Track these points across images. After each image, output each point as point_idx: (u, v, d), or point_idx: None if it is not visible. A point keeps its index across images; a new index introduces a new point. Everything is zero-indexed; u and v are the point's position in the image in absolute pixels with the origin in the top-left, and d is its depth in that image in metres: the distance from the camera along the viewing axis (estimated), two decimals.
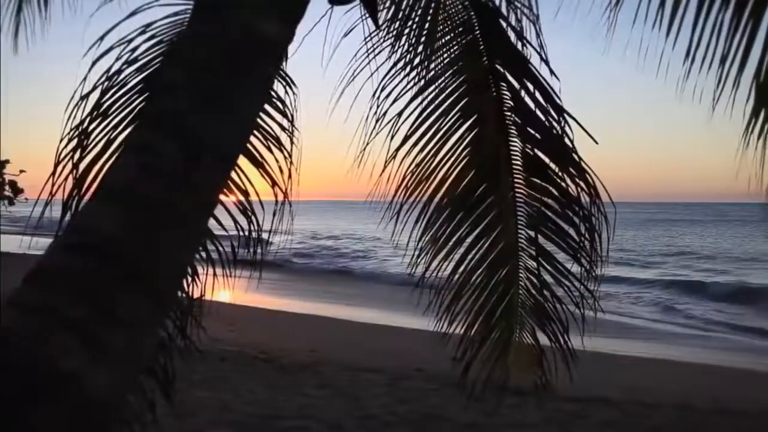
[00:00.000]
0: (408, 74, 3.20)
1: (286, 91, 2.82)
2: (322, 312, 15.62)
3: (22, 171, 16.95)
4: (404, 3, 3.37)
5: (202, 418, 5.54)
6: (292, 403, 6.16)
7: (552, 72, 2.98)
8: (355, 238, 36.99)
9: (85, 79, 2.39)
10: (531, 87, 3.13)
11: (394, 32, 3.34)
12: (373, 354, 9.44)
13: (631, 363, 10.17)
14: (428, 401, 6.45)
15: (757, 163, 2.53)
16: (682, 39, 2.51)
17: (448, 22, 3.25)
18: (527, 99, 3.21)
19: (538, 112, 3.23)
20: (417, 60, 3.28)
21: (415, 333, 11.06)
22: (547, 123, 3.21)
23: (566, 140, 3.22)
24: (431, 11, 3.29)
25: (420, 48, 3.29)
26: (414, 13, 3.35)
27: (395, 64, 3.15)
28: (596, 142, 3.15)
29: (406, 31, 3.35)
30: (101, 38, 2.36)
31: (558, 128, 3.13)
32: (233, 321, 13.15)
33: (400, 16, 3.35)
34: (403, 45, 3.31)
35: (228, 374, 7.63)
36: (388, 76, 3.15)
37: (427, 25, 3.30)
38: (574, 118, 3.12)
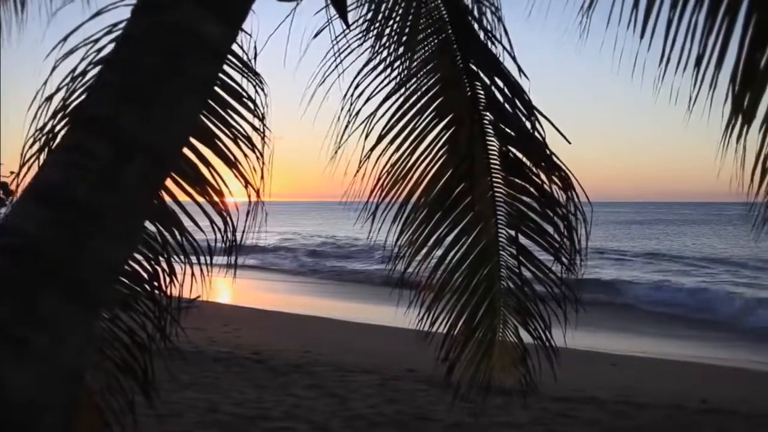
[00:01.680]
0: (382, 73, 3.19)
1: (256, 91, 2.81)
2: (317, 312, 15.63)
3: (12, 173, 16.89)
4: (384, 3, 3.36)
5: (187, 419, 5.54)
6: (280, 404, 6.16)
7: (520, 70, 2.98)
8: (339, 237, 37.05)
9: (46, 81, 2.39)
10: (504, 86, 3.12)
11: (375, 32, 3.33)
12: (367, 354, 9.45)
13: (624, 362, 10.16)
14: (417, 402, 6.45)
15: (737, 165, 2.53)
16: (657, 40, 2.50)
17: (422, 21, 3.24)
18: (502, 98, 3.20)
19: (513, 111, 3.22)
20: (397, 59, 3.27)
21: (409, 333, 11.05)
22: (521, 122, 3.20)
23: (540, 138, 3.21)
24: (413, 9, 3.28)
25: (401, 47, 3.28)
26: (395, 13, 3.34)
27: (368, 62, 3.13)
28: (569, 142, 3.15)
29: (387, 30, 3.34)
30: (64, 39, 2.36)
31: (529, 126, 3.12)
32: (229, 321, 13.17)
33: (380, 16, 3.34)
34: (385, 44, 3.30)
35: (219, 375, 7.63)
36: (361, 75, 3.14)
37: (409, 23, 3.30)
38: (546, 117, 3.12)
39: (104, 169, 1.26)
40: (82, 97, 2.52)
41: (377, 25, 3.35)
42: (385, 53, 3.16)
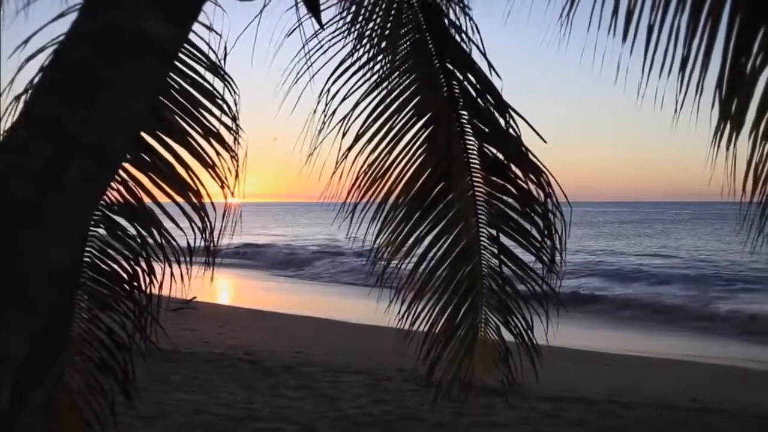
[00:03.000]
0: (358, 72, 3.19)
1: (229, 91, 2.82)
2: (313, 313, 15.63)
3: None
4: (364, 2, 3.36)
5: (174, 420, 5.54)
6: (268, 405, 6.16)
7: (491, 66, 2.98)
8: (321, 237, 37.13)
9: (12, 80, 2.39)
10: (477, 85, 3.12)
11: (356, 32, 3.33)
12: (360, 355, 9.44)
13: (618, 361, 10.16)
14: (405, 402, 6.45)
15: (728, 173, 2.47)
16: (639, 43, 2.46)
17: (400, 19, 3.24)
18: (477, 97, 3.20)
19: (491, 110, 3.23)
20: (373, 57, 3.27)
21: (403, 334, 10.99)
22: (496, 119, 3.21)
23: (516, 137, 3.21)
24: (395, 7, 3.28)
25: (378, 46, 3.28)
26: (375, 14, 3.34)
27: (343, 61, 3.13)
28: (545, 141, 3.15)
29: (368, 29, 3.34)
30: (26, 41, 2.37)
31: (504, 125, 3.13)
32: (224, 322, 13.18)
33: (360, 17, 3.34)
34: (364, 43, 3.30)
35: (209, 376, 7.64)
36: (337, 74, 3.14)
37: (389, 22, 3.30)
38: (521, 116, 3.13)
39: (45, 169, 1.26)
40: None
41: (358, 25, 3.35)
42: (361, 51, 3.16)
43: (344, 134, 3.25)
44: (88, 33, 1.40)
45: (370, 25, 3.15)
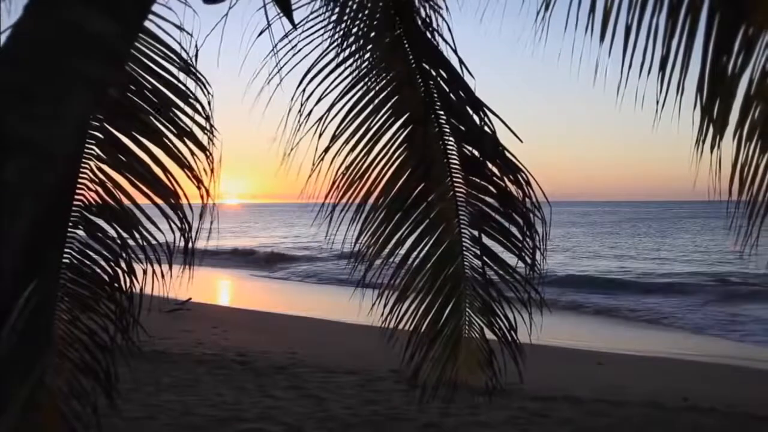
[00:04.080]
0: (334, 72, 3.18)
1: (202, 90, 2.81)
2: (309, 313, 15.63)
3: None
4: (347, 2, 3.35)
5: (160, 421, 5.52)
6: (256, 406, 6.14)
7: (461, 62, 2.98)
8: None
9: None
10: (452, 83, 3.12)
11: (340, 31, 3.32)
12: (353, 355, 9.42)
13: (611, 360, 10.15)
14: (394, 402, 6.43)
15: (713, 175, 2.44)
16: (617, 44, 2.43)
17: (374, 19, 3.23)
18: (452, 95, 3.20)
19: (466, 108, 3.22)
20: (349, 57, 3.26)
21: (398, 334, 10.97)
22: (471, 117, 3.20)
23: (491, 135, 3.21)
24: (369, 7, 3.28)
25: (354, 45, 3.27)
26: (354, 12, 3.33)
27: (317, 62, 3.13)
28: (521, 141, 3.15)
29: (344, 30, 3.34)
30: None
31: (478, 120, 3.13)
32: (219, 323, 13.17)
33: (345, 16, 3.33)
34: (342, 44, 3.29)
35: (200, 377, 7.62)
36: (311, 74, 3.13)
37: (365, 22, 3.29)
38: (497, 115, 3.13)
39: None
40: None
41: (343, 25, 3.34)
42: (336, 51, 3.15)
43: (320, 135, 3.24)
44: (31, 30, 1.40)
45: (346, 23, 3.14)
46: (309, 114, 3.16)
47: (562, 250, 33.51)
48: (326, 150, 3.30)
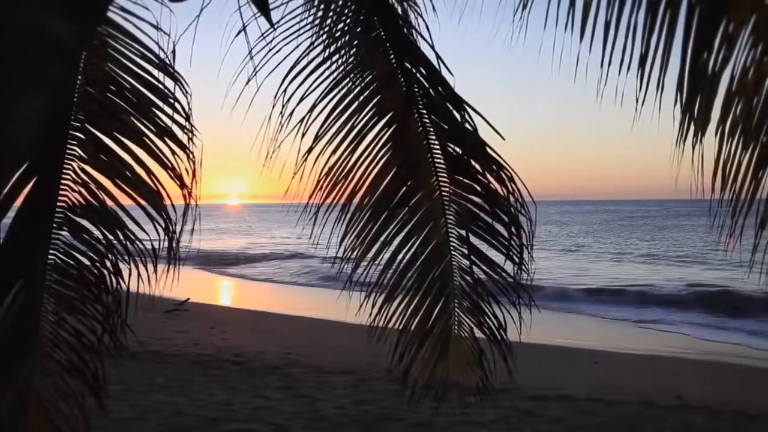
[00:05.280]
0: (315, 71, 3.17)
1: (181, 90, 2.80)
2: (307, 313, 15.62)
3: None
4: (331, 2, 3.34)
5: (150, 422, 5.52)
6: (246, 406, 6.14)
7: (440, 60, 2.97)
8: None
9: None
10: (432, 81, 3.11)
11: (326, 29, 3.31)
12: (349, 355, 9.42)
13: (607, 359, 10.14)
14: (385, 402, 6.42)
15: (695, 173, 2.43)
16: (597, 41, 2.43)
17: (357, 17, 3.22)
18: (433, 93, 3.19)
19: (447, 106, 3.21)
20: (330, 56, 3.25)
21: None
22: (452, 114, 3.19)
23: (472, 132, 3.20)
24: (348, 6, 3.27)
25: (335, 44, 3.25)
26: (334, 12, 3.32)
27: (297, 62, 3.11)
28: (503, 138, 3.13)
29: (337, 28, 3.32)
30: None
31: (458, 117, 3.12)
32: (216, 323, 13.16)
33: (331, 12, 3.32)
34: (322, 44, 3.28)
35: (194, 378, 7.61)
36: (292, 74, 3.12)
37: (347, 21, 3.28)
38: (479, 113, 3.11)
39: None
40: None
41: (329, 21, 3.33)
42: (317, 50, 3.14)
43: (303, 135, 3.23)
44: None
45: (327, 21, 3.13)
46: (291, 114, 3.15)
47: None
48: (309, 150, 3.29)
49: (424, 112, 3.39)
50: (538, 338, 10.87)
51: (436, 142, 3.55)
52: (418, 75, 3.16)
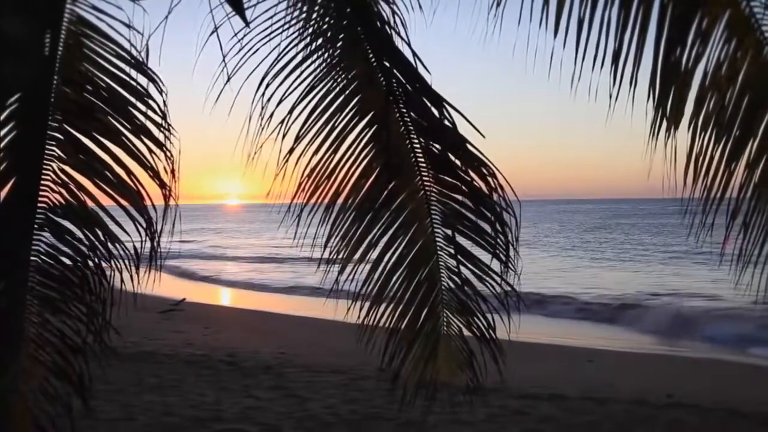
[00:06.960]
0: (293, 72, 3.15)
1: (156, 88, 2.78)
2: (305, 312, 15.61)
3: None
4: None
5: (139, 422, 5.51)
6: (236, 406, 6.13)
7: (416, 57, 2.95)
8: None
9: None
10: (411, 78, 3.10)
11: (305, 27, 3.29)
12: (342, 354, 9.41)
13: (602, 357, 10.14)
14: (375, 401, 6.41)
15: (668, 166, 2.45)
16: (571, 38, 2.43)
17: (340, 15, 3.20)
18: (411, 90, 3.18)
19: (426, 103, 3.20)
20: (308, 57, 3.23)
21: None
22: (431, 111, 3.18)
23: (452, 129, 3.19)
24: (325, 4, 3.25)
25: (314, 43, 3.24)
26: (316, 12, 3.31)
27: (276, 62, 3.09)
28: (483, 136, 3.13)
29: (314, 27, 3.31)
30: None
31: (437, 113, 3.11)
32: (211, 323, 13.16)
33: (315, 14, 3.31)
34: (300, 43, 3.26)
35: (186, 378, 7.61)
36: (270, 75, 3.10)
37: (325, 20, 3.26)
38: (457, 110, 3.10)
39: None
40: None
41: (313, 22, 3.31)
42: (295, 51, 3.12)
43: (284, 136, 3.21)
44: None
45: (305, 20, 3.11)
46: (271, 115, 3.13)
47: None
48: (291, 151, 3.27)
49: (405, 111, 3.38)
50: (537, 338, 10.89)
51: (418, 141, 3.53)
52: (397, 73, 3.14)
